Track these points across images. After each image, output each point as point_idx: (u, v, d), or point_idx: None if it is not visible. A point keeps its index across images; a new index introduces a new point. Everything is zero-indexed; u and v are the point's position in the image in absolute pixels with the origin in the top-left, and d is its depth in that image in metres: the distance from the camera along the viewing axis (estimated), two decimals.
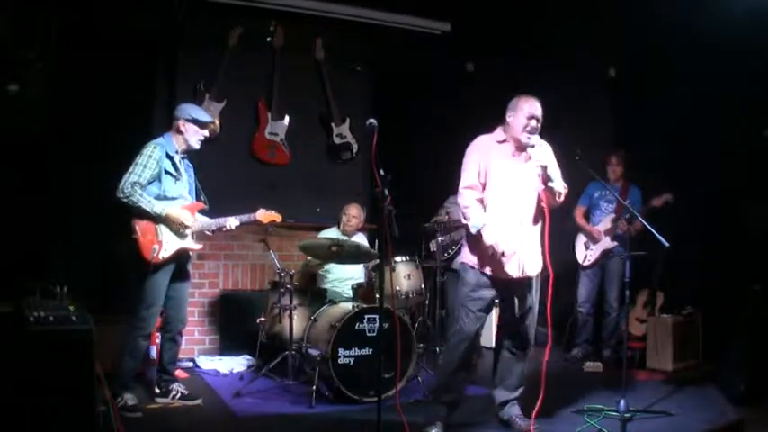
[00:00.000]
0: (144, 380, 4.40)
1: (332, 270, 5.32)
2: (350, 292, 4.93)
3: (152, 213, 3.85)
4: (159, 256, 3.87)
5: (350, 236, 5.27)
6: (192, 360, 5.32)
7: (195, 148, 4.09)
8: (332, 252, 4.60)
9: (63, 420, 2.51)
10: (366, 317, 4.32)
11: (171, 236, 3.95)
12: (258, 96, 5.79)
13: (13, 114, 4.81)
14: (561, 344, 5.80)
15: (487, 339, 5.39)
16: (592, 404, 4.13)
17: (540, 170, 3.51)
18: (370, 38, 6.05)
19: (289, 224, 5.01)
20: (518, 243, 3.59)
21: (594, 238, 5.58)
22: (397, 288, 4.67)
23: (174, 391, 4.12)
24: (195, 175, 4.23)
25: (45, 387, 2.50)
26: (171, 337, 4.16)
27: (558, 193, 3.60)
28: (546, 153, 3.55)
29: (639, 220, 4.22)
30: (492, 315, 5.02)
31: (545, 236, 3.63)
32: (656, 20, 5.45)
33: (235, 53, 5.62)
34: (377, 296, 3.59)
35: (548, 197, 3.60)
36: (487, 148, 3.66)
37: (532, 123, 3.56)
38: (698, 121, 5.57)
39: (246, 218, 4.24)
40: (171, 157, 3.98)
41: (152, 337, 4.36)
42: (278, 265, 4.79)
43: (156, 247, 3.87)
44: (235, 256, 5.73)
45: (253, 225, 4.41)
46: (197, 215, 4.12)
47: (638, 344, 5.49)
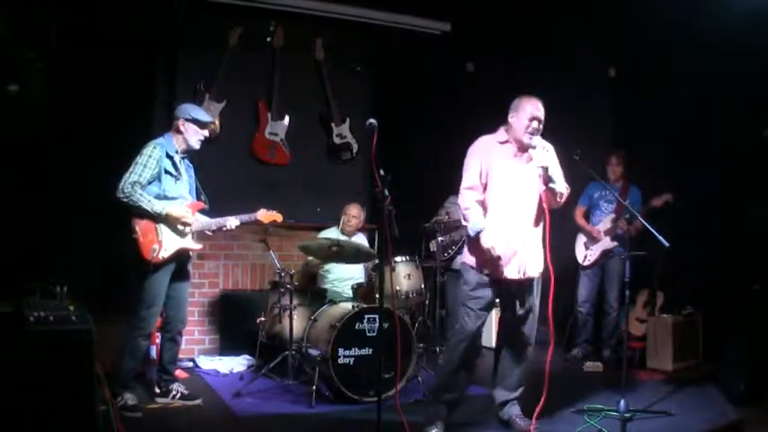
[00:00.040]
0: (144, 380, 4.40)
1: (332, 270, 5.32)
2: (350, 292, 4.93)
3: (152, 213, 3.85)
4: (159, 256, 3.87)
5: (350, 236, 5.28)
6: (192, 360, 5.32)
7: (195, 148, 4.09)
8: (332, 252, 4.61)
9: (63, 420, 2.51)
10: (366, 317, 4.32)
11: (171, 235, 3.95)
12: (258, 96, 5.79)
13: (13, 114, 4.81)
14: (561, 344, 5.79)
15: (488, 339, 5.39)
16: (592, 404, 4.13)
17: (542, 171, 3.51)
18: (370, 38, 6.05)
19: (289, 224, 5.01)
20: (519, 244, 3.59)
21: (594, 238, 5.58)
22: (397, 288, 4.67)
23: (174, 391, 4.12)
24: (195, 175, 4.23)
25: (45, 387, 2.50)
26: (171, 337, 4.16)
27: (560, 194, 3.59)
28: (548, 154, 3.54)
29: (639, 220, 4.22)
30: (492, 315, 5.03)
31: (546, 236, 3.64)
32: (656, 20, 5.45)
33: (235, 53, 5.62)
34: (377, 296, 3.59)
35: (548, 198, 3.59)
36: (489, 148, 3.66)
37: (534, 124, 3.55)
38: (698, 121, 5.57)
39: (247, 218, 4.24)
40: (171, 157, 3.98)
41: (152, 337, 4.36)
42: (278, 265, 4.79)
43: (156, 246, 3.87)
44: (235, 256, 5.74)
45: (253, 225, 4.41)
46: (197, 215, 4.12)
47: (638, 344, 5.49)
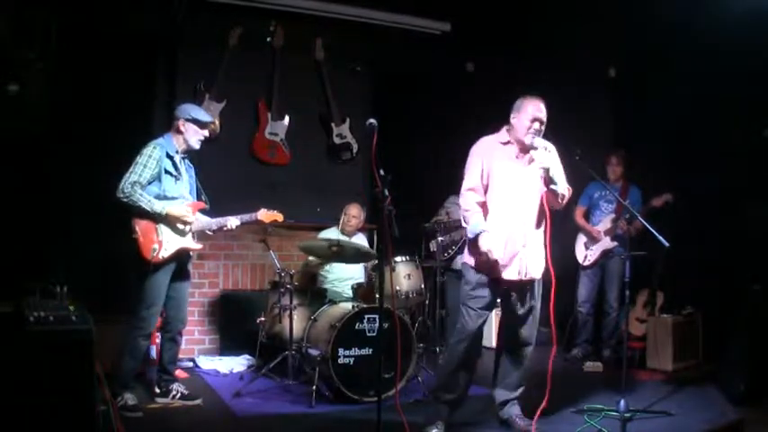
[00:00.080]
0: (144, 380, 4.40)
1: (332, 270, 5.31)
2: (350, 292, 4.93)
3: (152, 212, 3.85)
4: (159, 256, 3.87)
5: (350, 236, 5.28)
6: (192, 360, 5.32)
7: (195, 148, 4.09)
8: (332, 252, 4.61)
9: (63, 420, 2.50)
10: (366, 317, 4.32)
11: (171, 235, 3.95)
12: (258, 96, 5.79)
13: (13, 114, 4.81)
14: (561, 344, 5.79)
15: (488, 339, 5.39)
16: (592, 404, 4.13)
17: (543, 172, 3.49)
18: (370, 38, 6.05)
19: (289, 224, 5.01)
20: (520, 245, 3.58)
21: (594, 238, 5.58)
22: (397, 288, 4.67)
23: (174, 391, 4.12)
24: (196, 176, 4.23)
25: (45, 387, 2.49)
26: (171, 337, 4.16)
27: (561, 195, 3.58)
28: (550, 155, 3.52)
29: (639, 220, 4.22)
30: (493, 315, 5.03)
31: (547, 237, 3.63)
32: (656, 20, 5.45)
33: (235, 53, 5.62)
34: (377, 296, 3.59)
35: (550, 199, 3.58)
36: (491, 149, 3.65)
37: (536, 126, 3.53)
38: (698, 121, 5.57)
39: (248, 217, 4.24)
40: (171, 157, 3.98)
41: (152, 337, 4.36)
42: (278, 265, 4.79)
43: (156, 246, 3.87)
44: (235, 256, 5.73)
45: (253, 225, 4.41)
46: (198, 214, 4.12)
47: (638, 344, 5.49)
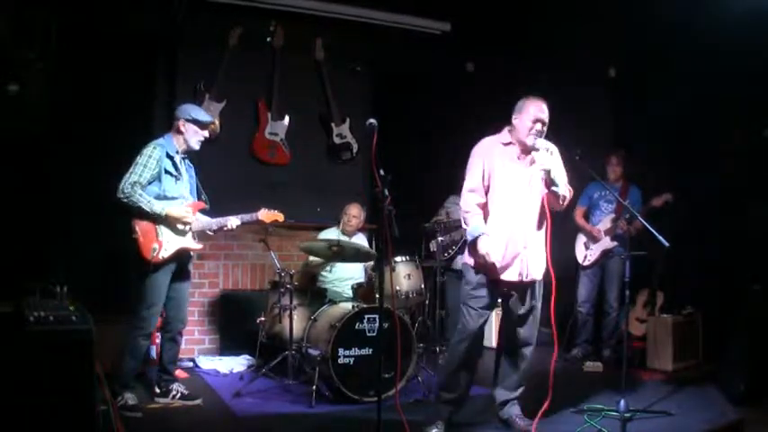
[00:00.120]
0: (144, 380, 4.40)
1: (332, 270, 5.31)
2: (350, 292, 4.93)
3: (152, 213, 3.85)
4: (159, 256, 3.87)
5: (350, 236, 5.28)
6: (192, 360, 5.32)
7: (195, 148, 4.09)
8: (332, 252, 4.61)
9: (63, 420, 2.50)
10: (366, 317, 4.32)
11: (171, 235, 3.95)
12: (258, 96, 5.79)
13: (13, 114, 4.81)
14: (561, 344, 5.78)
15: (488, 339, 5.39)
16: (592, 404, 4.13)
17: (544, 174, 3.49)
18: (370, 38, 6.05)
19: (289, 224, 5.00)
20: (521, 246, 3.58)
21: (594, 238, 5.58)
22: (397, 288, 4.67)
23: (174, 391, 4.12)
24: (196, 176, 4.23)
25: (45, 387, 2.49)
26: (171, 337, 4.16)
27: (563, 197, 3.57)
28: (551, 157, 3.51)
29: (639, 220, 4.22)
30: (493, 315, 5.03)
31: (547, 238, 3.63)
32: (656, 20, 5.45)
33: (235, 53, 5.61)
34: (377, 296, 3.59)
35: (551, 201, 3.58)
36: (492, 150, 3.63)
37: (537, 127, 3.52)
38: (698, 121, 5.57)
39: (248, 217, 4.23)
40: (171, 157, 3.98)
41: (152, 336, 4.36)
42: (278, 265, 4.79)
43: (156, 246, 3.87)
44: (235, 256, 5.73)
45: (254, 225, 4.41)
46: (198, 214, 4.12)
47: (638, 344, 5.49)
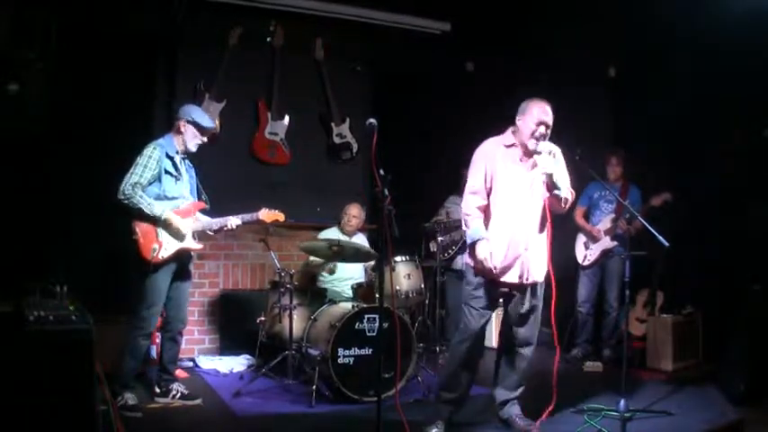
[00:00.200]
0: (144, 380, 4.40)
1: (332, 273, 5.31)
2: (350, 292, 4.93)
3: (152, 215, 3.86)
4: (159, 256, 3.87)
5: (350, 236, 5.28)
6: (192, 360, 5.32)
7: (192, 150, 4.09)
8: (332, 252, 4.61)
9: (63, 420, 2.50)
10: (366, 316, 4.32)
11: (171, 236, 3.96)
12: (258, 96, 5.79)
13: (13, 114, 4.80)
14: (561, 344, 5.77)
15: (488, 339, 5.38)
16: (592, 404, 4.13)
17: (545, 178, 3.48)
18: (370, 38, 6.05)
19: (289, 224, 5.01)
20: (522, 248, 3.58)
21: (594, 238, 5.58)
22: (397, 288, 4.67)
23: (174, 391, 4.12)
24: (197, 176, 4.23)
25: (45, 387, 2.49)
26: (171, 337, 4.17)
27: (565, 200, 3.57)
28: (554, 159, 3.49)
29: (639, 219, 4.22)
30: (494, 315, 5.02)
31: (548, 240, 3.63)
32: (656, 20, 5.45)
33: (235, 53, 5.61)
34: (377, 296, 3.59)
35: (552, 203, 3.58)
36: (494, 152, 3.62)
37: (541, 130, 3.50)
38: (698, 121, 5.57)
39: (249, 217, 4.23)
40: (171, 158, 3.99)
41: (152, 336, 4.36)
42: (278, 265, 4.79)
43: (156, 246, 3.87)
44: (235, 256, 5.73)
45: (254, 225, 4.41)
46: (198, 215, 4.13)
47: (638, 344, 5.48)
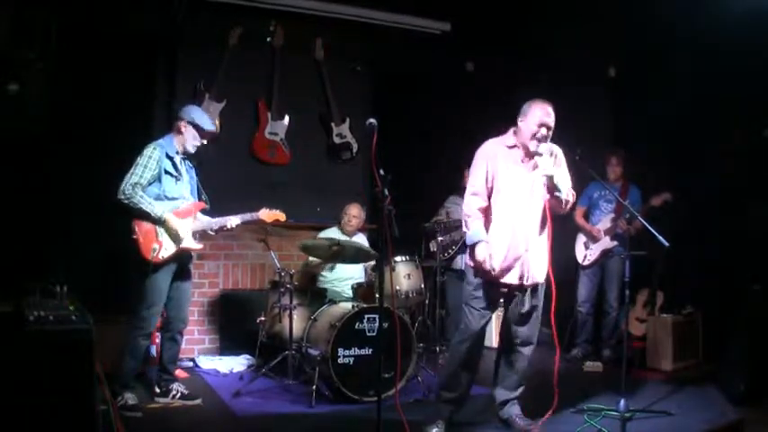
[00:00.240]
0: (144, 380, 4.39)
1: (332, 270, 5.31)
2: (350, 292, 4.93)
3: (152, 216, 3.86)
4: (159, 256, 3.88)
5: (350, 236, 5.28)
6: (192, 360, 5.32)
7: (190, 152, 4.10)
8: (332, 252, 4.61)
9: (63, 420, 2.50)
10: (366, 316, 4.32)
11: (171, 236, 3.95)
12: (258, 96, 5.79)
13: (13, 114, 4.80)
14: (561, 344, 5.77)
15: (488, 339, 5.38)
16: (592, 404, 4.13)
17: (546, 180, 3.48)
18: (370, 38, 6.05)
19: (289, 224, 5.01)
20: (523, 250, 3.58)
21: (594, 238, 5.58)
22: (397, 288, 4.67)
23: (174, 391, 4.12)
24: (197, 176, 4.23)
25: (45, 387, 2.49)
26: (171, 337, 4.17)
27: (565, 201, 3.57)
28: (555, 161, 3.49)
29: (639, 219, 4.22)
30: (494, 315, 5.02)
31: (549, 241, 3.62)
32: (656, 20, 5.45)
33: (235, 53, 5.61)
34: (377, 296, 3.59)
35: (553, 205, 3.58)
36: (496, 153, 3.62)
37: (542, 131, 3.49)
38: (698, 121, 5.57)
39: (249, 216, 4.23)
40: (171, 158, 3.99)
41: (152, 336, 4.36)
42: (278, 265, 4.79)
43: (157, 246, 3.87)
44: (235, 255, 5.73)
45: (254, 224, 4.41)
46: (199, 214, 4.13)
47: (638, 344, 5.48)
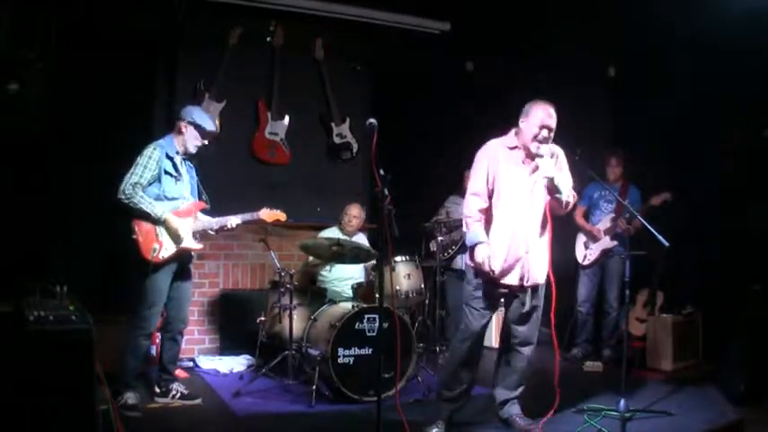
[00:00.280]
0: (145, 379, 4.39)
1: (332, 270, 5.31)
2: (350, 292, 4.93)
3: (152, 216, 3.86)
4: (159, 256, 3.88)
5: (350, 236, 5.28)
6: (192, 360, 5.32)
7: (191, 152, 4.10)
8: (333, 252, 4.61)
9: (63, 420, 2.50)
10: (366, 316, 4.32)
11: (171, 236, 3.95)
12: (258, 96, 5.79)
13: (13, 114, 4.80)
14: (561, 344, 5.78)
15: (488, 339, 5.39)
16: (592, 404, 4.13)
17: (546, 182, 3.47)
18: (370, 38, 6.05)
19: (289, 224, 5.01)
20: (523, 251, 3.57)
21: (594, 238, 5.58)
22: (397, 288, 4.67)
23: (174, 391, 4.12)
24: (197, 176, 4.23)
25: (45, 387, 2.49)
26: (171, 337, 4.17)
27: (566, 203, 3.57)
28: (556, 163, 3.48)
29: (639, 219, 4.22)
30: (494, 315, 5.02)
31: (549, 242, 3.62)
32: (655, 20, 5.45)
33: (235, 53, 5.62)
34: (377, 296, 3.59)
35: (554, 206, 3.58)
36: (497, 153, 3.61)
37: (543, 133, 3.48)
38: (697, 121, 5.57)
39: (249, 216, 4.23)
40: (171, 158, 3.99)
41: (152, 336, 4.36)
42: (278, 265, 4.79)
43: (157, 246, 3.87)
44: (235, 255, 5.74)
45: (254, 224, 4.41)
46: (199, 214, 4.13)
47: (638, 344, 5.48)
